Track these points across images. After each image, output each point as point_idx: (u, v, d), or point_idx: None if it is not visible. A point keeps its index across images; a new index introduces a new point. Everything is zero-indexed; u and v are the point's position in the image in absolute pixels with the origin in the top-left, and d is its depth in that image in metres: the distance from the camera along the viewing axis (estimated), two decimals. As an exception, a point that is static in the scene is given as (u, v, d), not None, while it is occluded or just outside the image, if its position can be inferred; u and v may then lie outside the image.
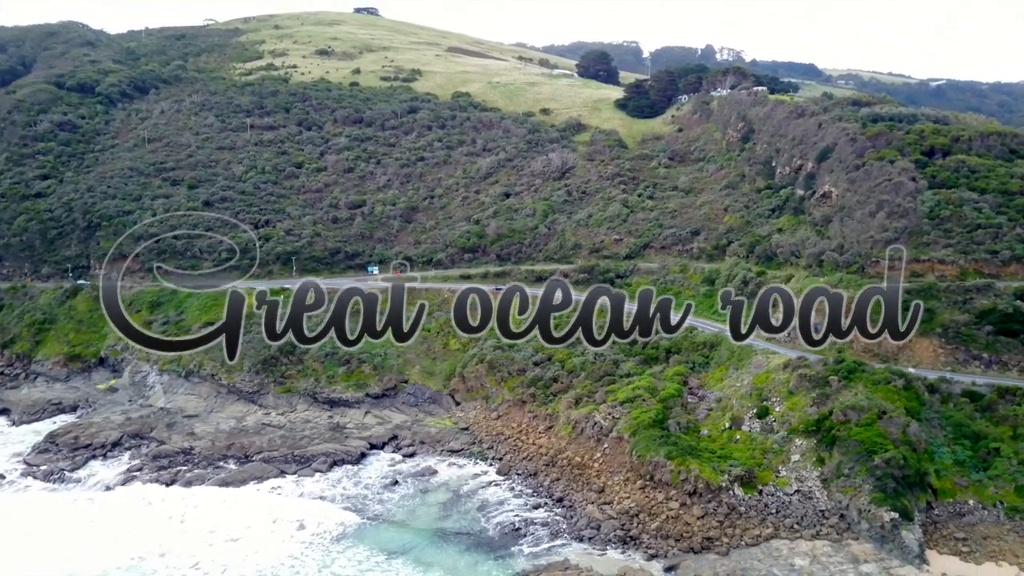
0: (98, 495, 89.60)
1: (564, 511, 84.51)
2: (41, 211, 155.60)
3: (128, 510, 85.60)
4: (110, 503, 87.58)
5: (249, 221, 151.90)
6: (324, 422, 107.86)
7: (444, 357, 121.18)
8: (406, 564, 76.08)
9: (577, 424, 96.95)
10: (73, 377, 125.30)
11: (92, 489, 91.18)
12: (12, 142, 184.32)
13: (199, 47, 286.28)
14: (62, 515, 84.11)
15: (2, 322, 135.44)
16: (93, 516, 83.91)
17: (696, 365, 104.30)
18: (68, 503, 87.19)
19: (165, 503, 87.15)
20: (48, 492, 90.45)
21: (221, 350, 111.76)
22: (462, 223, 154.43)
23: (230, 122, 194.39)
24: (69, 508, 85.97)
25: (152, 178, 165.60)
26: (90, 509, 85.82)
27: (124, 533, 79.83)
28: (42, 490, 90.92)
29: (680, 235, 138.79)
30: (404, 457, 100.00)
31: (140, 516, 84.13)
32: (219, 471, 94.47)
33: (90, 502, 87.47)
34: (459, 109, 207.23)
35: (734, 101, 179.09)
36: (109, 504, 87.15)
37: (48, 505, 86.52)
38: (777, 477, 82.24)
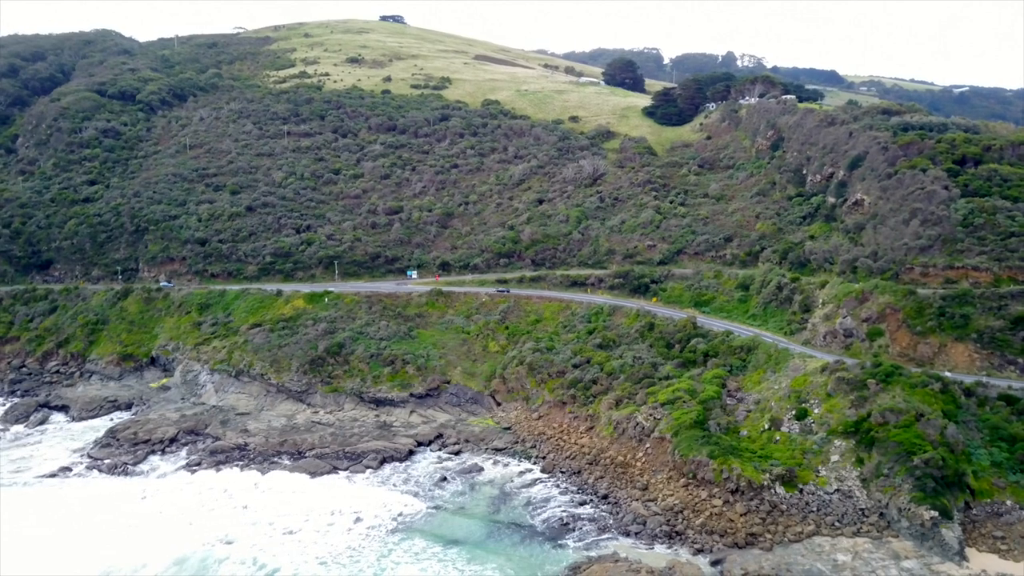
0: (162, 487, 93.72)
1: (610, 507, 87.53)
2: (91, 215, 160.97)
3: (191, 501, 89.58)
4: (173, 495, 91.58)
5: (291, 226, 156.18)
6: (371, 420, 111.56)
7: (484, 359, 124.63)
8: (461, 555, 79.35)
9: (619, 424, 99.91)
10: (126, 376, 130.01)
11: (156, 481, 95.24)
12: (59, 148, 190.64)
13: (231, 55, 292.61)
14: (130, 505, 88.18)
15: (57, 322, 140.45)
16: (160, 507, 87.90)
17: (734, 368, 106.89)
18: (134, 494, 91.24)
19: (226, 495, 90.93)
20: (114, 484, 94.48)
21: (272, 350, 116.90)
22: (497, 229, 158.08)
23: (267, 129, 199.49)
24: (136, 499, 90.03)
25: (195, 184, 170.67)
26: (156, 500, 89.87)
27: (191, 522, 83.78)
28: (108, 482, 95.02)
29: (713, 241, 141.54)
30: (450, 455, 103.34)
31: (203, 507, 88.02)
32: (274, 466, 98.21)
33: (156, 493, 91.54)
34: (490, 117, 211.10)
35: (763, 109, 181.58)
36: (172, 496, 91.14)
37: (116, 496, 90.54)
38: (817, 476, 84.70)
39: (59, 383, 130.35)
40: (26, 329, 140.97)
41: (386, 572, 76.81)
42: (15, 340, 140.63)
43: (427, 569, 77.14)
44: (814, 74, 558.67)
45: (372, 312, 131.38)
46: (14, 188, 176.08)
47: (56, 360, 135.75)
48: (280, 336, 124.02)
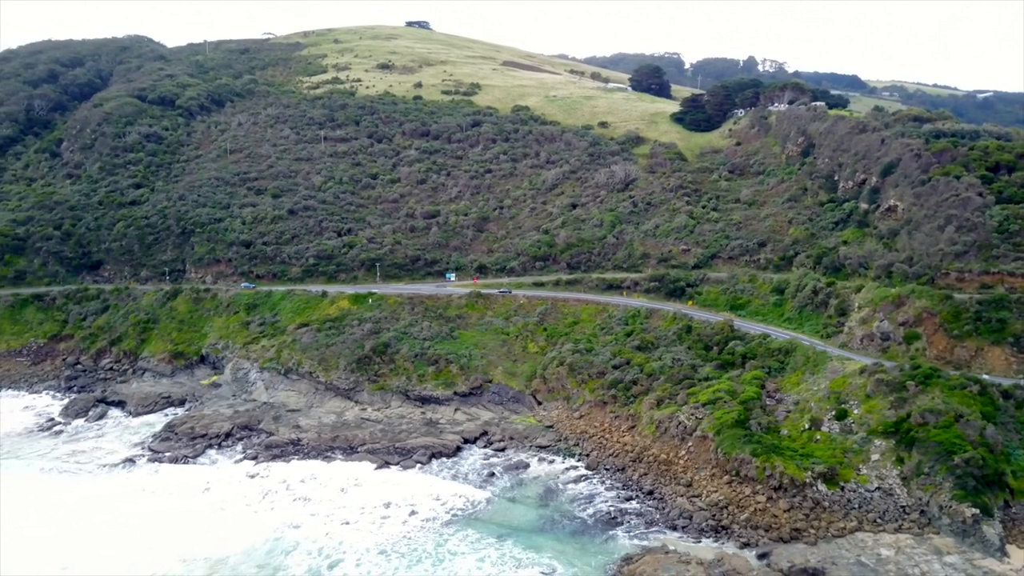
0: (222, 479, 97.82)
1: (655, 503, 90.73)
2: (138, 218, 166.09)
3: (252, 493, 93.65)
4: (234, 487, 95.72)
5: (332, 229, 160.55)
6: (418, 418, 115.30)
7: (524, 359, 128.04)
8: (516, 545, 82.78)
9: (660, 424, 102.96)
10: (177, 373, 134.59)
11: (216, 473, 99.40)
12: (104, 153, 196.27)
13: (263, 60, 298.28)
14: (196, 496, 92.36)
15: (109, 321, 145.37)
16: (223, 498, 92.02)
17: (772, 370, 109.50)
18: (198, 486, 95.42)
19: (285, 487, 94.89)
20: (177, 475, 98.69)
21: (319, 349, 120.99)
22: (532, 232, 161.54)
23: (304, 134, 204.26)
24: (199, 490, 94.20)
25: (237, 187, 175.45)
26: (219, 491, 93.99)
27: (256, 513, 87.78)
28: (172, 474, 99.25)
29: (747, 246, 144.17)
30: (496, 451, 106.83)
31: (265, 499, 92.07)
32: (329, 461, 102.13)
33: (218, 484, 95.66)
34: (520, 123, 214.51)
35: (793, 116, 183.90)
36: (233, 488, 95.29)
37: (181, 487, 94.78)
38: (858, 475, 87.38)
39: (113, 380, 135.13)
40: (80, 327, 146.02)
41: (444, 562, 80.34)
42: (69, 338, 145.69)
43: (485, 558, 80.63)
44: (836, 79, 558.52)
45: (415, 313, 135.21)
46: (62, 191, 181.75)
47: (109, 357, 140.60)
48: (327, 336, 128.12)
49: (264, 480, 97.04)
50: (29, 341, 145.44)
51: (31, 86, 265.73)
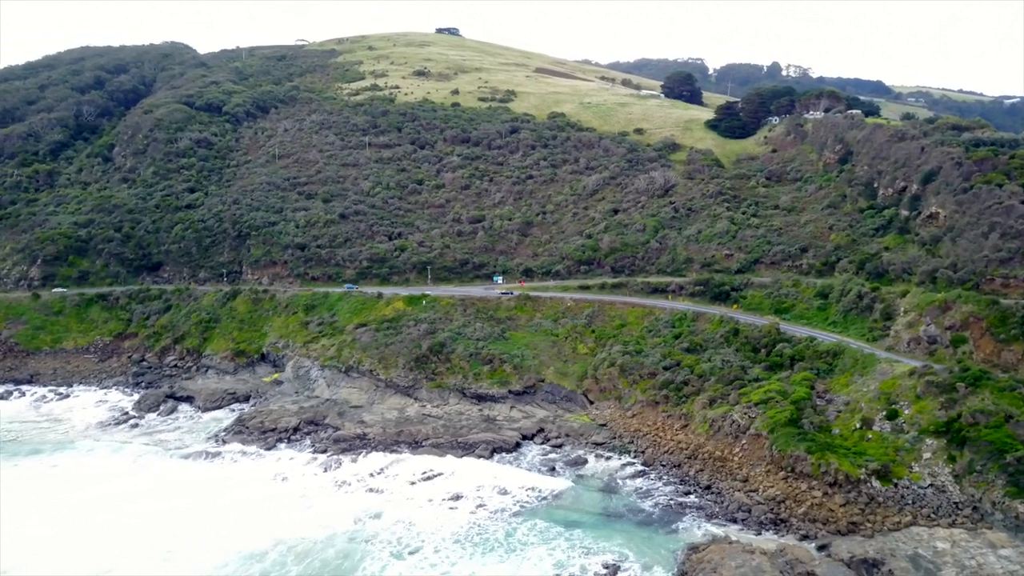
0: (296, 470, 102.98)
1: (713, 497, 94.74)
2: (195, 221, 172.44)
3: (326, 484, 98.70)
4: (308, 478, 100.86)
5: (383, 233, 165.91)
6: (476, 414, 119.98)
7: (574, 360, 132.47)
8: (585, 535, 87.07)
9: (714, 423, 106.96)
10: (240, 371, 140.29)
11: (289, 465, 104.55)
12: (157, 158, 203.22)
13: (301, 67, 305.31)
14: (274, 486, 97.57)
15: (172, 320, 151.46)
16: (299, 488, 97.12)
17: (820, 372, 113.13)
18: (274, 476, 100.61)
19: (357, 479, 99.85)
20: (253, 466, 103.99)
21: (379, 348, 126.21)
22: (575, 237, 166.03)
23: (349, 140, 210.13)
24: (277, 480, 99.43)
25: (288, 192, 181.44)
26: (295, 482, 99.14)
27: (334, 502, 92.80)
28: (247, 465, 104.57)
29: (789, 251, 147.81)
30: (554, 448, 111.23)
31: (339, 490, 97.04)
32: (395, 454, 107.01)
33: (293, 475, 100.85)
34: (557, 129, 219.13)
35: (830, 124, 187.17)
36: (308, 478, 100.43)
37: (258, 478, 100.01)
38: (911, 472, 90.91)
39: (178, 376, 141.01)
40: (143, 326, 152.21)
41: (516, 550, 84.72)
42: (133, 336, 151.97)
43: (555, 547, 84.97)
44: (860, 84, 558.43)
45: (467, 314, 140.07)
46: (119, 195, 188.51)
47: (173, 355, 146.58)
48: (385, 335, 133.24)
49: (336, 472, 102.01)
50: (95, 339, 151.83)
51: (79, 92, 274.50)
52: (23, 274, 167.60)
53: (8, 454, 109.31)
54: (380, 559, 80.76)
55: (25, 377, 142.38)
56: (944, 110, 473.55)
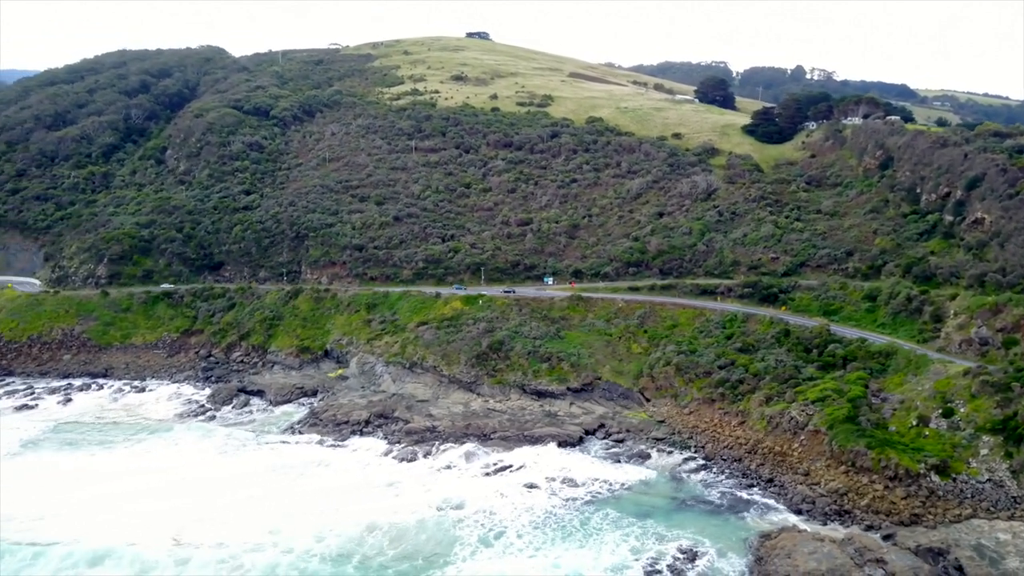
0: (375, 460, 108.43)
1: (777, 489, 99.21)
2: (254, 222, 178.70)
3: (406, 473, 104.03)
4: (387, 467, 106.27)
5: (437, 235, 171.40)
6: (538, 410, 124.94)
7: (628, 359, 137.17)
8: (657, 524, 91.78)
9: (772, 419, 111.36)
10: (305, 366, 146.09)
11: (368, 455, 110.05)
12: (211, 161, 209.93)
13: (339, 71, 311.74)
14: (358, 474, 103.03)
15: (236, 318, 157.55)
16: (383, 476, 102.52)
17: (873, 371, 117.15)
18: (356, 465, 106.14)
19: (434, 469, 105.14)
20: (333, 457, 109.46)
21: (441, 345, 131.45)
22: (622, 240, 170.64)
23: (396, 144, 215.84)
24: (359, 469, 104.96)
25: (342, 194, 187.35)
26: (376, 471, 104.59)
27: (419, 490, 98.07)
28: (329, 455, 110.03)
29: (834, 255, 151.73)
30: (615, 442, 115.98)
31: (419, 478, 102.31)
32: (467, 446, 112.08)
33: (374, 465, 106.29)
34: (597, 134, 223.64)
35: (870, 130, 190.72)
36: (389, 467, 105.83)
37: (342, 468, 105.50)
38: (968, 467, 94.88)
39: (245, 371, 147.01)
40: (209, 323, 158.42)
41: (593, 537, 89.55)
42: (199, 333, 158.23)
43: (629, 534, 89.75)
44: (885, 88, 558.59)
45: (522, 314, 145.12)
46: (178, 196, 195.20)
47: (239, 351, 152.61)
48: (446, 333, 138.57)
49: (414, 462, 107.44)
50: (163, 335, 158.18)
51: (127, 96, 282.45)
52: (90, 272, 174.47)
53: (100, 443, 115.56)
54: (469, 544, 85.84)
55: (100, 371, 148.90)
56: (970, 114, 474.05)
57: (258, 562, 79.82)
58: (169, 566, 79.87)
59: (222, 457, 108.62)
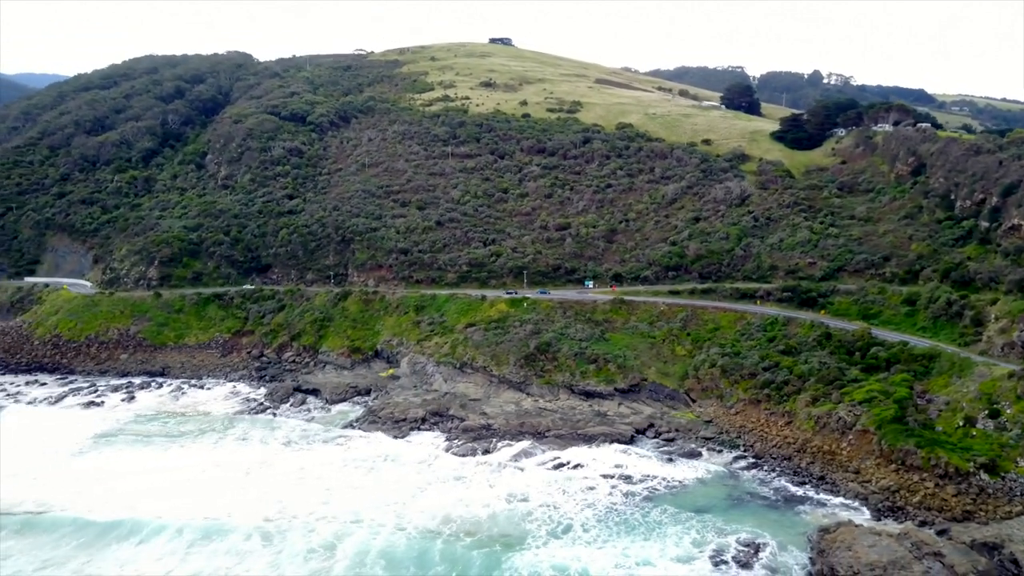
0: (437, 454, 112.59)
1: (828, 486, 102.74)
2: (300, 226, 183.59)
3: (470, 468, 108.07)
4: (451, 461, 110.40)
5: (478, 239, 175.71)
6: (587, 409, 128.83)
7: (673, 361, 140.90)
8: (715, 518, 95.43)
9: (819, 419, 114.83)
10: (356, 366, 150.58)
11: (429, 449, 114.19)
12: (252, 166, 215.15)
13: (368, 77, 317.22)
14: (427, 470, 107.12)
15: (287, 319, 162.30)
16: (449, 471, 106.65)
17: (917, 374, 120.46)
18: (421, 460, 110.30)
19: (496, 464, 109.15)
20: (398, 450, 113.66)
21: (490, 346, 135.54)
22: (660, 244, 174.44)
23: (432, 150, 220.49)
24: (426, 464, 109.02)
25: (383, 199, 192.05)
26: (442, 465, 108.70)
27: (486, 485, 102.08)
28: (392, 449, 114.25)
29: (871, 260, 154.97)
30: (666, 441, 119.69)
31: (484, 472, 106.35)
32: (523, 443, 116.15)
33: (438, 459, 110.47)
34: (628, 139, 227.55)
35: (901, 137, 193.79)
36: (451, 462, 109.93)
37: (409, 462, 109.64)
38: (1017, 466, 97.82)
39: (298, 371, 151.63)
40: (259, 324, 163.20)
41: (655, 530, 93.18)
42: (250, 333, 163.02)
43: (690, 528, 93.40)
44: (902, 93, 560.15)
45: (567, 317, 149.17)
46: (222, 200, 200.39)
47: (291, 351, 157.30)
48: (494, 335, 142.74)
49: (474, 458, 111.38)
50: (215, 335, 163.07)
51: (163, 101, 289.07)
52: (141, 274, 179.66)
53: (170, 436, 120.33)
54: (540, 536, 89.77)
55: (157, 370, 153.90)
56: (989, 119, 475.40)
57: (348, 546, 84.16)
58: (274, 540, 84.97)
59: (291, 451, 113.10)
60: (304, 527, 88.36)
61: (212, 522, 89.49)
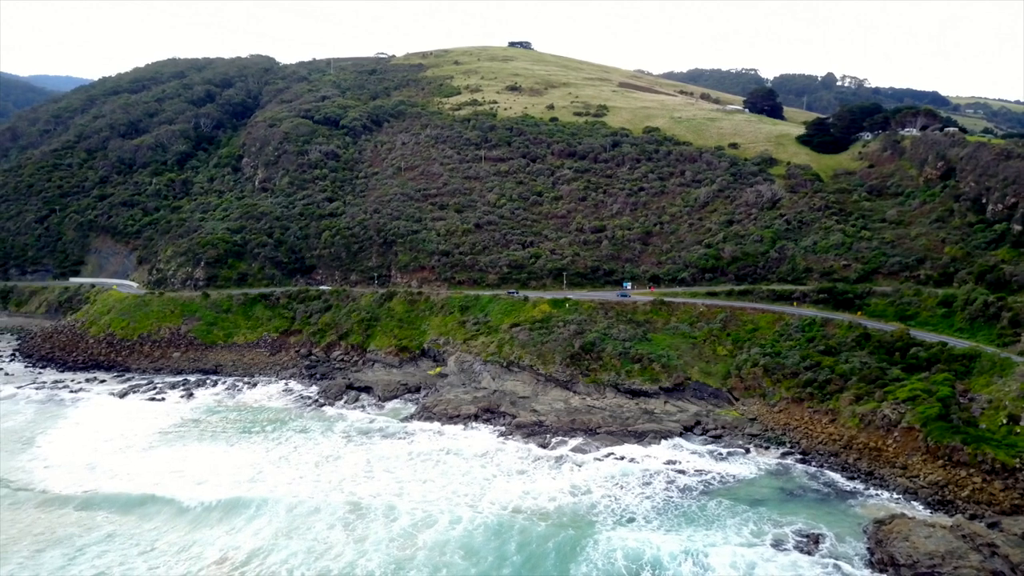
0: (495, 448, 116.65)
1: (877, 481, 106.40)
2: (342, 228, 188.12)
3: (529, 461, 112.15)
4: (509, 455, 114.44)
5: (517, 241, 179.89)
6: (634, 407, 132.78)
7: (715, 360, 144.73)
8: (770, 511, 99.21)
9: (864, 417, 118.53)
10: (404, 364, 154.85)
11: (487, 444, 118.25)
12: (290, 169, 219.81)
13: (393, 81, 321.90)
14: (491, 463, 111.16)
15: (334, 319, 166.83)
16: (512, 463, 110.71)
17: (957, 373, 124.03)
18: (481, 453, 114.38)
19: (554, 459, 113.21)
20: (455, 445, 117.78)
21: (536, 345, 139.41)
22: (695, 247, 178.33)
23: (465, 154, 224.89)
24: (488, 457, 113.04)
25: (421, 203, 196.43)
26: (501, 458, 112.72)
27: (548, 478, 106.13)
28: (451, 443, 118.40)
29: (906, 262, 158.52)
30: (713, 438, 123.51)
31: (542, 467, 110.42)
32: (577, 439, 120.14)
33: (496, 453, 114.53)
34: (656, 143, 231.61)
35: (930, 141, 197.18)
36: (509, 456, 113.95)
37: (470, 455, 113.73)
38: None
39: (347, 369, 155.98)
40: (307, 324, 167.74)
41: (714, 522, 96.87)
42: (298, 333, 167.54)
43: (747, 520, 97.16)
44: (916, 95, 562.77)
45: (608, 317, 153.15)
46: (263, 203, 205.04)
47: (339, 350, 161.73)
48: (539, 334, 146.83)
49: (530, 453, 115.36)
50: (263, 334, 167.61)
51: (194, 105, 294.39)
52: (188, 275, 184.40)
53: (234, 431, 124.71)
54: (607, 525, 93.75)
55: (210, 368, 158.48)
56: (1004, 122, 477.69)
57: (428, 536, 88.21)
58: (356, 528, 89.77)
59: (354, 446, 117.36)
60: (383, 516, 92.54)
61: (294, 512, 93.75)
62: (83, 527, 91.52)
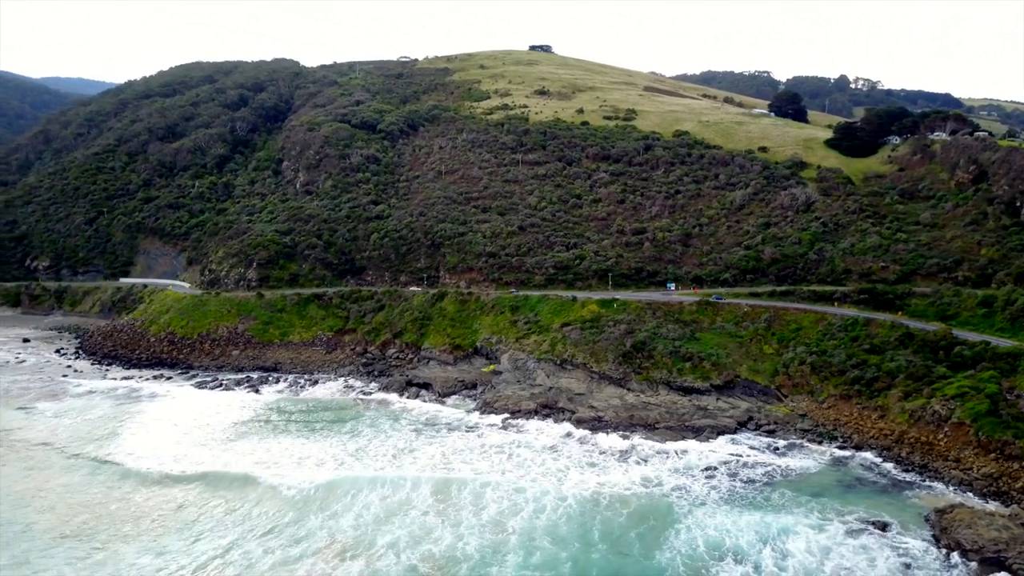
0: (559, 442, 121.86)
1: (932, 473, 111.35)
2: (390, 230, 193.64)
3: (595, 454, 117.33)
4: (571, 449, 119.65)
5: (561, 243, 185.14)
6: (688, 404, 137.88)
7: (762, 359, 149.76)
8: (832, 501, 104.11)
9: (913, 413, 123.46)
10: (458, 362, 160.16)
11: (551, 438, 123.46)
12: (333, 172, 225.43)
13: (421, 85, 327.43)
14: (561, 457, 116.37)
15: (387, 318, 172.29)
16: (584, 458, 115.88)
17: (1003, 371, 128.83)
18: (547, 448, 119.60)
19: (618, 452, 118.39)
20: (520, 439, 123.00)
21: (588, 344, 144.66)
22: (735, 248, 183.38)
23: (502, 158, 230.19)
24: (557, 451, 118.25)
25: (465, 206, 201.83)
26: (567, 451, 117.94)
27: (620, 470, 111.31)
28: (519, 436, 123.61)
29: (944, 264, 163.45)
30: (766, 433, 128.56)
31: (608, 459, 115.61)
32: (637, 434, 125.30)
33: (561, 446, 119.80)
34: (688, 147, 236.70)
35: (961, 145, 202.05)
36: (571, 449, 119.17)
37: (539, 449, 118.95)
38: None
39: (403, 366, 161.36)
40: (361, 323, 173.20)
41: (780, 511, 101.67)
42: (352, 332, 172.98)
43: (811, 509, 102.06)
44: (929, 97, 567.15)
45: (656, 317, 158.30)
46: (309, 206, 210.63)
47: (394, 348, 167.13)
48: (591, 333, 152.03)
49: (596, 447, 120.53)
50: (318, 333, 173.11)
51: (229, 109, 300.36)
52: (241, 276, 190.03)
53: (305, 425, 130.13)
54: (683, 514, 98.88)
55: (270, 365, 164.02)
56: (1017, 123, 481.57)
57: (516, 523, 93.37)
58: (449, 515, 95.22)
59: (425, 439, 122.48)
60: (471, 505, 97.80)
61: (387, 501, 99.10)
62: (197, 506, 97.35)
